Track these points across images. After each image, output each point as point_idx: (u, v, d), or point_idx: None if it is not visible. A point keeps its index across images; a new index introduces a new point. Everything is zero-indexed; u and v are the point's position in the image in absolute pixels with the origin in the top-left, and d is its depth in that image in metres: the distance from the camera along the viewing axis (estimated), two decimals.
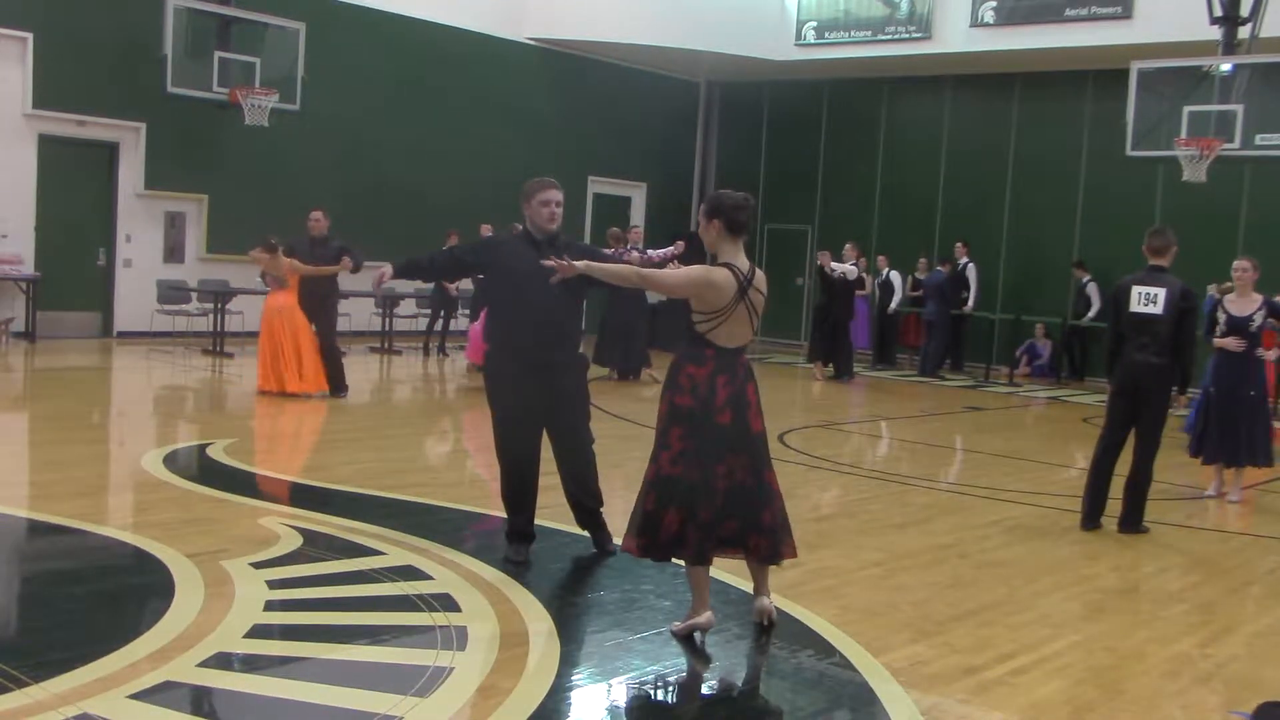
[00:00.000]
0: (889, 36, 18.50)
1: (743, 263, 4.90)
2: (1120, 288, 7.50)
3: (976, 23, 17.63)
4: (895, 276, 18.20)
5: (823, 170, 20.83)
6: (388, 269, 5.84)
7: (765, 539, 4.99)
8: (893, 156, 20.11)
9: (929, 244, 19.15)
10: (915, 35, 18.26)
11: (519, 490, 5.92)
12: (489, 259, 6.07)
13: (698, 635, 4.90)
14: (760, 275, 4.98)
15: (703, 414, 4.81)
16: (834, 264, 16.12)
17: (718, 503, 4.83)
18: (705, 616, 4.89)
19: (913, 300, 18.54)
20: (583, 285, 5.59)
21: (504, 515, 6.04)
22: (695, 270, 4.90)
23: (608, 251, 8.34)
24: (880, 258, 18.45)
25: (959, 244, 18.14)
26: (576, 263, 5.13)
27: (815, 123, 20.89)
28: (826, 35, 19.16)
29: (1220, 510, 8.58)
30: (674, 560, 5.03)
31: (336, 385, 11.69)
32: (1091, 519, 7.60)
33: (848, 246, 16.56)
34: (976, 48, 17.76)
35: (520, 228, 6.02)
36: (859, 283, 16.62)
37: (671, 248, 7.84)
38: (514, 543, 5.94)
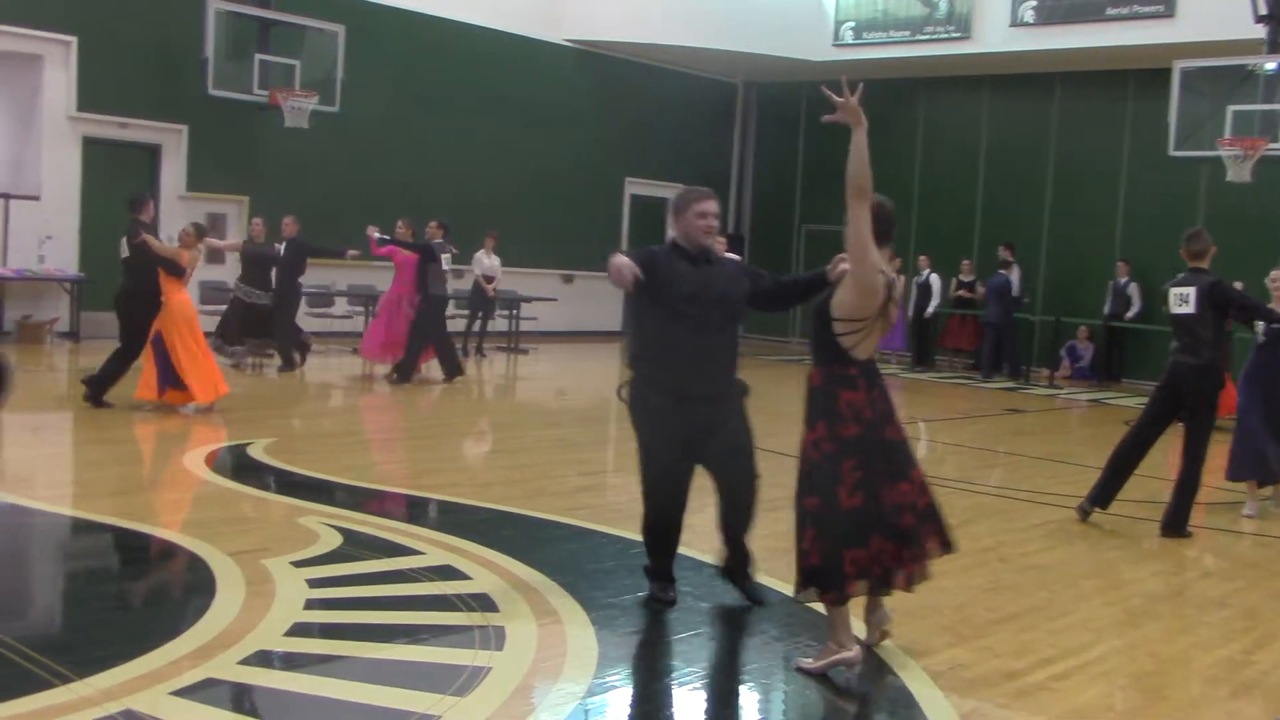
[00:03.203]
0: (927, 36, 18.41)
1: (889, 271, 4.74)
2: (1163, 291, 7.67)
3: (1016, 22, 17.51)
4: (935, 279, 18.07)
5: None
6: (633, 266, 4.96)
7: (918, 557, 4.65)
8: (931, 157, 19.99)
9: (968, 245, 19.01)
10: (954, 35, 18.15)
11: (665, 533, 5.34)
12: (650, 274, 5.04)
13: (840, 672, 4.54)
14: (900, 283, 4.80)
15: (873, 437, 4.57)
16: None
17: (906, 522, 4.55)
18: (854, 652, 4.53)
19: (958, 301, 18.40)
20: (744, 305, 5.27)
21: (538, 515, 6.02)
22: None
23: None
24: (921, 258, 18.34)
25: (1003, 248, 17.88)
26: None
27: None
28: (865, 35, 19.09)
29: (1264, 515, 8.46)
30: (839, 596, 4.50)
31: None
32: (1094, 500, 7.58)
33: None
34: (1016, 47, 17.64)
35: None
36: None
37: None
38: (657, 580, 5.39)
